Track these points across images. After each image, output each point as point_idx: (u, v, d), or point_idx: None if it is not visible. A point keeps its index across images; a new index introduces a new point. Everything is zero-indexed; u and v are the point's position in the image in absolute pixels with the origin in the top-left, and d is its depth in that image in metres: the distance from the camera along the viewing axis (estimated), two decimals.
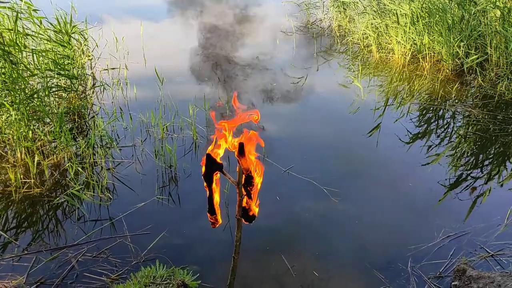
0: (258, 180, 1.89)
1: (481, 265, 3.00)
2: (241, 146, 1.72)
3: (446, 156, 4.44)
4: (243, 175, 1.80)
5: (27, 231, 3.37)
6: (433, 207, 3.66)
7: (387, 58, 6.83)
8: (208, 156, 1.77)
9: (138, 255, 3.09)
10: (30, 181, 3.77)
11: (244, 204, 1.88)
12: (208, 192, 1.86)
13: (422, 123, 5.18)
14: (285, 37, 7.73)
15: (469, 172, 4.23)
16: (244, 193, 1.86)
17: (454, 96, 5.68)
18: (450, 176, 4.11)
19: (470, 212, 3.62)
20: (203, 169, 1.79)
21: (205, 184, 1.84)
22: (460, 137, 4.86)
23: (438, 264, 3.06)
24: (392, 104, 5.59)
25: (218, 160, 1.79)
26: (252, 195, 1.87)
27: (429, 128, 5.07)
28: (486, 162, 4.44)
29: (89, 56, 6.14)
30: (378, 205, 3.71)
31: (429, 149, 4.57)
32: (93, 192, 3.73)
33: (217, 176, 1.82)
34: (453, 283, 2.82)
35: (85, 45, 6.10)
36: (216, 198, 1.92)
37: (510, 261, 3.02)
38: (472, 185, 4.01)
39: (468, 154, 4.55)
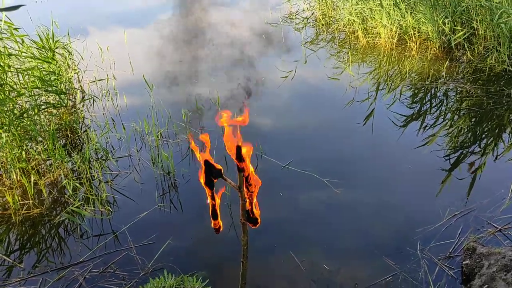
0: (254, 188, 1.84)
1: (490, 241, 2.99)
2: (239, 150, 1.68)
3: (443, 135, 4.43)
4: (243, 177, 1.76)
5: (30, 253, 3.33)
6: (436, 189, 3.64)
7: (374, 43, 6.80)
8: (206, 163, 1.73)
9: (145, 266, 3.06)
10: (29, 202, 3.72)
11: (247, 207, 1.85)
12: (210, 199, 1.83)
13: (416, 104, 5.17)
14: (270, 30, 7.67)
15: (467, 148, 4.23)
16: (247, 196, 1.82)
17: (445, 74, 5.66)
18: (449, 155, 4.10)
19: (473, 188, 3.61)
20: (201, 179, 1.75)
21: (207, 191, 1.80)
22: (454, 114, 4.85)
23: (447, 245, 3.05)
24: (384, 88, 5.57)
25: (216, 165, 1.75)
26: (252, 199, 1.84)
27: (423, 109, 5.06)
28: (484, 137, 4.43)
29: (75, 69, 6.07)
30: (380, 192, 3.70)
31: (425, 129, 4.56)
32: (93, 206, 3.69)
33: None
34: (464, 262, 2.81)
35: (70, 59, 6.03)
36: (217, 202, 1.89)
37: None
38: (472, 161, 4.00)
39: (465, 131, 4.54)
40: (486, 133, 4.49)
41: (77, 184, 3.87)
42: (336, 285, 2.84)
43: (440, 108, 5.04)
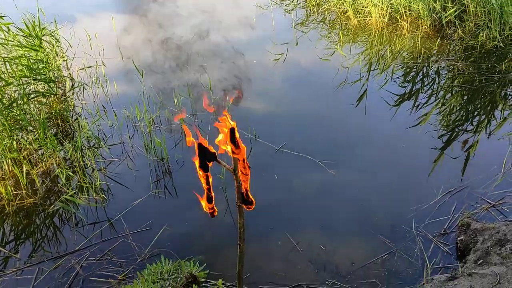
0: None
1: (484, 217, 3.02)
2: (232, 132, 1.66)
3: (436, 113, 4.44)
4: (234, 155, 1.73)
5: (26, 243, 3.31)
6: (429, 167, 3.66)
7: (365, 22, 6.75)
8: (200, 146, 1.71)
9: (142, 252, 3.06)
10: (22, 192, 3.69)
11: (243, 189, 1.84)
12: (205, 183, 1.81)
13: (408, 83, 5.16)
14: (260, 12, 7.59)
15: (460, 126, 4.24)
16: (242, 177, 1.81)
17: (437, 52, 5.65)
18: (442, 133, 4.11)
19: (466, 166, 3.63)
20: (196, 161, 1.73)
21: (201, 174, 1.79)
22: (447, 92, 4.85)
23: (441, 221, 3.07)
24: (376, 69, 5.55)
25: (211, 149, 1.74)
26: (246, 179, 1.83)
27: (415, 87, 5.05)
28: (476, 114, 4.44)
29: (64, 57, 5.97)
30: (374, 171, 3.71)
31: (417, 108, 4.56)
32: (88, 195, 3.67)
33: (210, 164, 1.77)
34: (458, 238, 2.83)
35: (57, 46, 5.94)
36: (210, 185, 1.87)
37: None
38: (464, 139, 4.02)
39: (457, 108, 4.55)
40: (478, 110, 4.50)
41: (70, 173, 3.84)
42: (333, 265, 2.86)
43: (432, 87, 5.03)
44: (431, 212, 3.16)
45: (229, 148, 1.72)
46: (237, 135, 1.73)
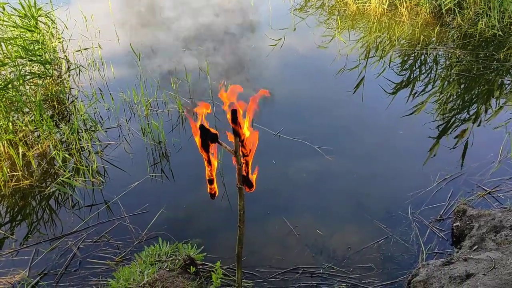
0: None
1: (480, 204, 3.05)
2: (234, 113, 1.65)
3: (433, 101, 4.44)
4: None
5: (22, 224, 3.30)
6: (426, 154, 3.67)
7: (364, 8, 6.71)
8: (202, 127, 1.71)
9: (139, 235, 3.06)
10: (18, 174, 3.67)
11: (243, 171, 1.84)
12: (206, 164, 1.81)
13: (406, 71, 5.15)
14: None
15: (457, 114, 4.24)
16: (243, 160, 1.80)
17: (435, 39, 5.63)
18: (439, 120, 4.12)
19: (463, 153, 3.65)
20: (197, 141, 1.73)
21: (204, 156, 1.78)
22: (444, 80, 4.85)
23: (437, 208, 3.09)
24: (374, 56, 5.52)
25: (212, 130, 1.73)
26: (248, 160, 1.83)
27: (413, 75, 5.04)
28: (473, 102, 4.45)
29: (60, 38, 5.90)
30: (372, 157, 3.72)
31: (415, 96, 4.56)
32: (84, 177, 3.65)
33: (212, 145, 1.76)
34: (454, 224, 2.85)
35: (53, 27, 5.86)
36: (214, 165, 1.87)
37: (508, 197, 3.07)
38: (461, 126, 4.02)
39: (454, 96, 4.55)
40: (476, 98, 4.51)
41: (67, 155, 3.82)
42: (329, 249, 2.88)
43: (429, 75, 5.02)
44: (428, 198, 3.18)
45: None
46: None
